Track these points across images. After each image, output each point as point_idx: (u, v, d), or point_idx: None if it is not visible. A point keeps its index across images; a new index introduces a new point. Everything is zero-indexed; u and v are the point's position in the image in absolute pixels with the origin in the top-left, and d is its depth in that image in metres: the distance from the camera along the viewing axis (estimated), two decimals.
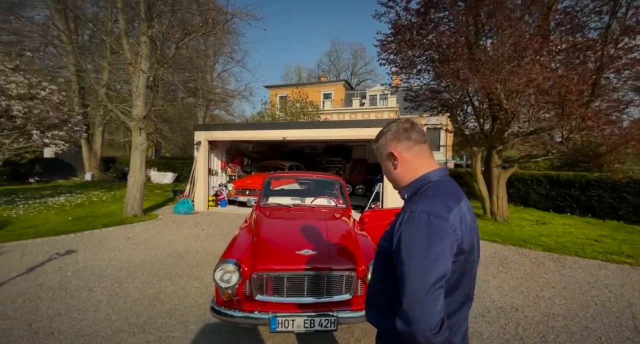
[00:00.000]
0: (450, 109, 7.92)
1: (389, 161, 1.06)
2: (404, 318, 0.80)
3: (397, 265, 0.86)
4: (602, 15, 6.37)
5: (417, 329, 0.77)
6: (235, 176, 10.68)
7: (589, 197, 8.94)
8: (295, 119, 16.14)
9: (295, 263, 2.26)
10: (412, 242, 0.84)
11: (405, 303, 0.80)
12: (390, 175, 1.09)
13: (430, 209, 0.86)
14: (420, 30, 7.50)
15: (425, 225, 0.84)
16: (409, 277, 0.81)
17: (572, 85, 5.60)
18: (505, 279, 4.11)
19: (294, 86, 30.43)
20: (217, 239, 5.70)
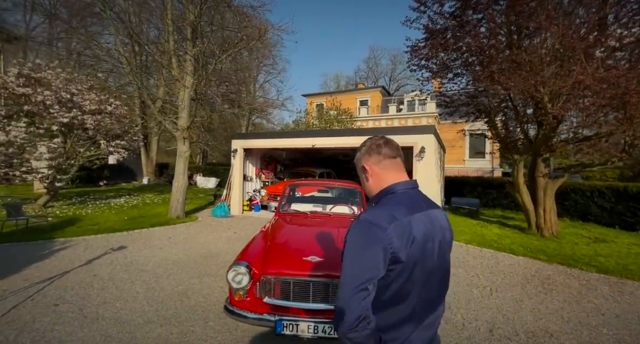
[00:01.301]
0: (488, 114, 7.42)
1: (363, 173, 1.15)
2: (337, 313, 0.89)
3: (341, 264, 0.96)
4: None
5: (337, 323, 0.88)
6: (269, 181, 11.14)
7: None
8: (328, 126, 16.36)
9: (300, 269, 2.34)
10: (349, 246, 0.93)
11: (338, 300, 0.89)
12: (364, 186, 1.17)
13: (372, 217, 0.94)
14: (455, 33, 7.21)
15: (362, 232, 0.93)
16: (342, 277, 0.90)
17: (633, 85, 4.93)
18: (544, 301, 3.71)
19: (330, 93, 30.86)
20: (245, 242, 5.98)
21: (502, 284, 4.21)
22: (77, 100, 8.73)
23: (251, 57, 22.25)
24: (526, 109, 6.90)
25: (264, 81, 27.42)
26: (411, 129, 7.40)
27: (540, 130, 6.42)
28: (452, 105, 8.06)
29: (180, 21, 8.23)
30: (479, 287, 4.07)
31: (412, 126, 13.35)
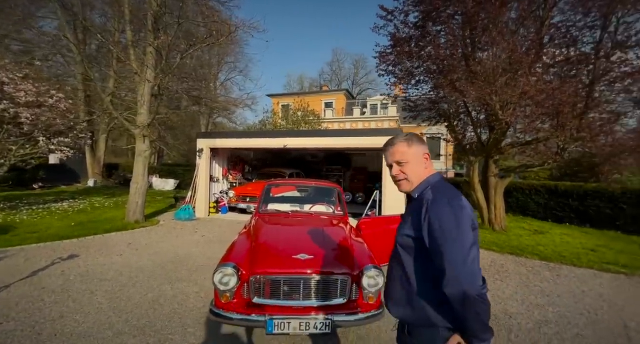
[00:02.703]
0: (448, 119, 8.07)
1: (424, 162, 1.22)
2: (454, 281, 0.95)
3: (433, 239, 1.02)
4: (594, 30, 6.57)
5: (470, 287, 0.94)
6: (236, 182, 10.80)
7: (586, 208, 8.99)
8: (296, 127, 16.36)
9: (291, 267, 2.35)
10: (445, 216, 1.02)
11: (452, 269, 0.95)
12: (419, 176, 1.21)
13: (450, 195, 1.08)
14: (418, 42, 7.73)
15: (452, 207, 1.03)
16: (453, 249, 0.97)
17: (565, 97, 5.75)
18: (501, 287, 4.16)
19: (296, 94, 30.83)
20: (216, 245, 5.78)
21: None
22: (9, 90, 7.62)
23: (211, 53, 21.34)
24: (479, 115, 7.63)
25: (226, 79, 26.47)
26: (383, 131, 7.76)
27: (491, 134, 7.18)
28: (415, 109, 8.61)
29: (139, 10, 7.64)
30: None
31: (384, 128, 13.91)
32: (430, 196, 1.10)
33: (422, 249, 1.08)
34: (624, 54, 6.46)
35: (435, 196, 1.08)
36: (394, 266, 1.23)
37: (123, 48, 8.51)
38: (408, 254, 1.14)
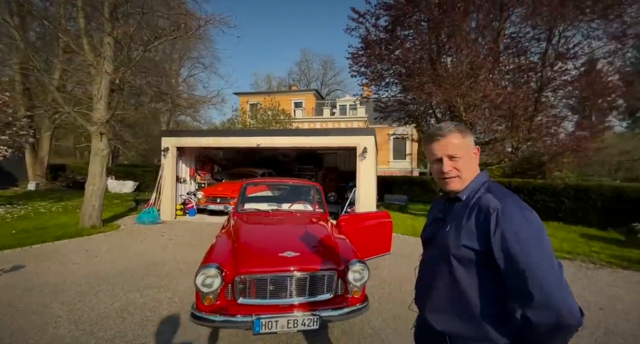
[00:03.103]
0: (416, 120, 8.49)
1: (476, 157, 1.08)
2: (546, 308, 0.80)
3: (512, 258, 0.86)
4: (541, 42, 7.34)
5: (570, 316, 0.80)
6: (205, 183, 10.34)
7: (535, 202, 9.94)
8: (267, 126, 16.10)
9: (279, 265, 2.31)
10: (525, 231, 0.87)
11: (543, 294, 0.81)
12: (472, 173, 1.06)
13: (519, 205, 0.92)
14: (388, 45, 8.04)
15: (528, 219, 0.89)
16: (536, 266, 0.83)
17: (518, 101, 6.34)
18: None
19: (266, 93, 30.33)
20: (187, 248, 5.49)
21: None
22: None
23: (173, 48, 20.18)
24: (444, 117, 8.13)
25: (189, 75, 25.15)
26: (355, 131, 7.92)
27: None
28: (386, 110, 8.92)
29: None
30: None
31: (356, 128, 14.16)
32: (495, 202, 0.93)
33: (485, 264, 0.93)
34: (564, 64, 7.30)
35: (503, 203, 0.91)
36: (441, 275, 1.04)
37: (74, 37, 7.73)
38: (464, 266, 0.97)
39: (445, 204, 1.14)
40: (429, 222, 1.25)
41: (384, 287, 3.91)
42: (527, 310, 0.83)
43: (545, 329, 0.82)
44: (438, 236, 1.08)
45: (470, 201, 1.01)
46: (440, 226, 1.09)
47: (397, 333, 2.83)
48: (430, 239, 1.16)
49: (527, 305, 0.83)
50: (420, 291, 1.17)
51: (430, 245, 1.17)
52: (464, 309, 0.98)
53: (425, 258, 1.19)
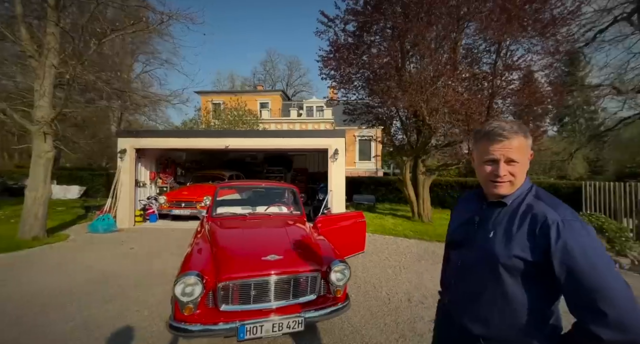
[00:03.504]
0: (384, 123, 8.85)
1: (528, 162, 1.01)
2: (620, 328, 0.78)
3: (580, 275, 0.83)
4: (491, 54, 8.09)
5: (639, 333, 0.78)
6: (168, 187, 9.74)
7: None
8: (233, 127, 15.60)
9: (263, 269, 2.28)
10: (590, 246, 0.85)
11: (617, 312, 0.78)
12: (522, 177, 1.00)
13: (577, 216, 0.90)
14: (355, 50, 8.29)
15: (590, 233, 0.87)
16: (606, 283, 0.81)
17: (474, 107, 6.93)
18: (435, 270, 4.73)
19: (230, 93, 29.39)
20: (151, 257, 5.13)
21: (406, 262, 5.15)
22: None
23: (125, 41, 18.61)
24: (409, 121, 8.59)
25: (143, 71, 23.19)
26: (326, 133, 8.04)
27: (419, 137, 8.15)
28: (354, 113, 9.17)
29: None
30: (391, 267, 4.84)
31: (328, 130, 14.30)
32: (552, 212, 0.91)
33: (536, 276, 0.91)
34: (510, 75, 8.12)
35: (562, 214, 0.90)
36: (486, 284, 0.99)
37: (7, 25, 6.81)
38: (513, 277, 0.94)
39: (481, 207, 1.08)
40: (461, 222, 1.16)
41: (360, 285, 4.03)
42: (597, 328, 0.80)
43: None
44: (477, 240, 1.03)
45: (519, 208, 0.97)
46: (478, 230, 1.04)
47: (376, 329, 2.94)
48: (462, 241, 1.11)
49: (597, 323, 0.80)
50: (459, 296, 1.11)
51: (460, 247, 1.12)
52: (510, 317, 0.95)
53: (459, 261, 1.11)
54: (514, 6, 6.70)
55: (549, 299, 0.95)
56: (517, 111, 8.61)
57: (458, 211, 1.24)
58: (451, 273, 1.17)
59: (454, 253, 1.17)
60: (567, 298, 0.88)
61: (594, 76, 18.93)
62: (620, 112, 18.14)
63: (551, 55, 7.80)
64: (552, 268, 0.87)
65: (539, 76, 8.57)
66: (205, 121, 17.28)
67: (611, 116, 19.72)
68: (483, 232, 1.02)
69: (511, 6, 6.66)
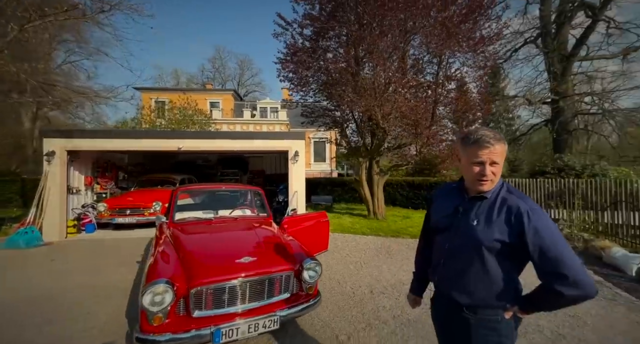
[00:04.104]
0: (341, 126, 9.20)
1: (500, 162, 1.21)
2: (577, 285, 1.05)
3: (548, 249, 1.08)
4: (434, 65, 8.99)
5: (591, 290, 1.07)
6: (107, 193, 8.75)
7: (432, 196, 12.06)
8: (183, 127, 14.59)
9: (238, 271, 2.27)
10: (553, 228, 1.11)
11: (574, 274, 1.05)
12: (499, 176, 1.22)
13: (538, 205, 1.19)
14: (312, 54, 8.50)
15: (548, 218, 1.15)
16: (567, 252, 1.08)
17: (421, 113, 7.63)
18: (392, 263, 5.14)
19: (176, 90, 27.48)
20: (92, 271, 4.60)
21: (366, 257, 5.46)
22: None
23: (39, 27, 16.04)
24: (363, 123, 9.07)
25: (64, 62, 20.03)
26: (287, 135, 8.04)
27: (373, 139, 8.67)
28: (312, 115, 9.36)
29: None
30: (352, 263, 5.09)
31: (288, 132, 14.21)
32: (524, 204, 1.16)
33: (511, 253, 1.16)
34: (449, 84, 9.13)
35: (529, 204, 1.16)
36: (472, 263, 1.22)
37: None
38: (493, 256, 1.18)
39: (464, 199, 1.30)
40: (446, 213, 1.35)
41: (325, 282, 4.17)
42: (559, 286, 1.08)
43: (571, 300, 1.10)
44: (461, 228, 1.26)
45: (496, 201, 1.21)
46: (462, 219, 1.27)
47: (344, 321, 3.10)
48: (447, 227, 1.33)
49: (560, 283, 1.08)
50: (448, 274, 1.33)
51: (445, 234, 1.34)
52: (489, 287, 1.21)
53: (446, 245, 1.33)
54: (452, 24, 7.57)
55: (516, 271, 1.24)
56: (455, 117, 9.69)
57: (439, 203, 1.45)
58: (440, 255, 1.38)
59: (440, 238, 1.38)
60: (536, 266, 1.14)
61: (511, 88, 22.12)
62: (531, 120, 21.58)
63: (481, 69, 8.97)
64: (524, 246, 1.12)
65: (472, 87, 9.76)
66: (149, 120, 15.84)
67: (524, 123, 23.31)
68: (467, 221, 1.25)
69: (450, 24, 7.51)
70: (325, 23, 7.74)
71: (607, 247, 5.23)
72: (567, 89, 16.69)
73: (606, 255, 5.07)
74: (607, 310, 3.38)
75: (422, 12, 7.44)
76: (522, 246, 1.13)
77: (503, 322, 1.21)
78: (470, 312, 1.24)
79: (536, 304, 1.21)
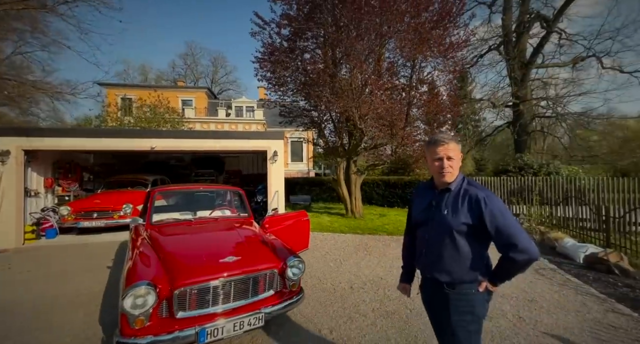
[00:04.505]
0: (319, 126, 9.30)
1: (460, 160, 1.51)
2: (525, 251, 1.32)
3: (500, 225, 1.35)
4: (407, 68, 9.37)
5: (534, 253, 1.33)
6: (71, 196, 8.19)
7: (406, 194, 12.54)
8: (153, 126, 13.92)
9: (223, 271, 2.28)
10: (503, 209, 1.39)
11: (522, 243, 1.32)
12: (457, 169, 1.51)
13: (492, 193, 1.46)
14: (290, 54, 8.52)
15: (500, 201, 1.43)
16: (515, 228, 1.36)
17: (396, 114, 7.92)
18: (370, 259, 5.32)
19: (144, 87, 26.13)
20: (57, 279, 4.32)
21: (344, 254, 5.60)
22: None
23: None
24: (341, 124, 9.24)
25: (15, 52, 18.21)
26: (265, 135, 7.98)
27: (351, 140, 8.86)
28: (290, 115, 9.37)
29: None
30: (332, 260, 5.20)
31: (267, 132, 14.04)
32: (480, 192, 1.42)
33: (475, 233, 1.42)
34: (422, 87, 9.55)
35: (485, 193, 1.42)
36: (445, 246, 1.47)
37: None
38: (462, 237, 1.44)
39: (435, 195, 1.56)
40: (423, 208, 1.61)
41: (306, 280, 4.24)
42: (512, 254, 1.35)
43: (523, 263, 1.37)
44: (435, 218, 1.51)
45: (459, 192, 1.48)
46: (435, 211, 1.52)
47: (326, 316, 3.19)
48: (425, 220, 1.57)
49: (512, 251, 1.35)
50: (429, 259, 1.56)
51: (425, 225, 1.58)
52: (462, 264, 1.45)
53: (426, 235, 1.57)
54: (424, 30, 7.94)
55: (483, 247, 1.49)
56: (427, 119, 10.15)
57: (417, 200, 1.70)
58: (421, 245, 1.63)
59: (420, 231, 1.63)
60: (494, 241, 1.42)
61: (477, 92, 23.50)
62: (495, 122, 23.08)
63: (450, 73, 9.48)
64: (484, 226, 1.39)
65: (442, 90, 10.28)
66: (115, 118, 14.95)
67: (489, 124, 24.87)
68: (439, 212, 1.51)
69: (422, 30, 7.87)
70: (303, 24, 7.80)
71: (560, 238, 5.79)
72: (526, 93, 18.06)
73: (559, 245, 5.61)
74: (559, 294, 3.77)
75: (397, 18, 7.73)
76: (482, 227, 1.39)
77: (477, 295, 1.45)
78: (449, 288, 1.47)
79: (499, 275, 1.46)
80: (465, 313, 1.43)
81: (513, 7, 18.96)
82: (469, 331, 1.43)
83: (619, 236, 5.32)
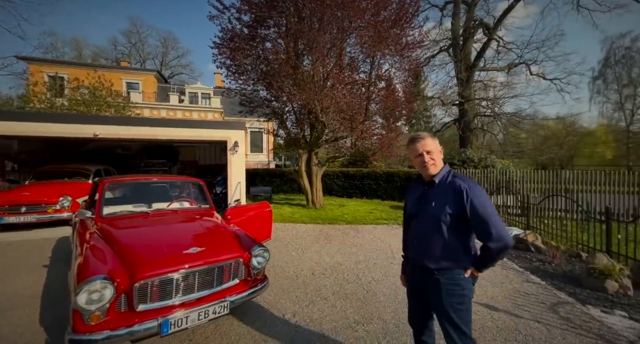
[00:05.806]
0: (280, 117, 9.23)
1: (440, 153, 1.65)
2: (499, 239, 1.45)
3: (479, 215, 1.46)
4: (367, 64, 9.71)
5: (509, 241, 1.47)
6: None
7: (364, 185, 13.15)
8: (97, 110, 12.41)
9: (187, 261, 2.25)
10: (484, 200, 1.50)
11: (498, 232, 1.45)
12: (440, 163, 1.65)
13: (475, 183, 1.58)
14: (251, 41, 8.26)
15: (481, 191, 1.54)
16: (492, 215, 1.47)
17: (356, 108, 8.22)
18: (330, 247, 5.58)
19: (79, 65, 23.17)
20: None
21: (306, 243, 5.77)
22: None
23: None
24: (303, 116, 9.30)
25: None
26: (225, 124, 7.70)
27: (313, 132, 8.97)
28: (251, 105, 9.14)
29: None
30: (294, 249, 5.34)
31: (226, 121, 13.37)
32: (463, 183, 1.54)
33: (460, 222, 1.53)
34: (380, 83, 9.99)
35: (468, 184, 1.54)
36: (434, 235, 1.58)
37: None
38: (448, 227, 1.55)
39: (424, 188, 1.69)
40: (414, 201, 1.74)
41: (269, 268, 4.31)
42: (489, 242, 1.49)
43: (499, 251, 1.50)
44: (425, 210, 1.63)
45: (444, 184, 1.61)
46: (424, 204, 1.64)
47: (289, 301, 3.33)
48: (416, 214, 1.70)
49: (488, 239, 1.49)
50: (420, 248, 1.68)
51: (416, 218, 1.70)
52: (449, 251, 1.57)
53: (417, 227, 1.70)
54: (383, 28, 8.28)
55: (468, 236, 1.60)
56: (384, 114, 10.68)
57: (410, 194, 1.83)
58: (413, 236, 1.76)
59: (413, 222, 1.75)
60: (475, 229, 1.55)
61: (429, 90, 25.24)
62: (444, 119, 25.06)
63: (406, 71, 10.05)
64: (466, 215, 1.51)
65: (398, 87, 10.86)
66: (44, 99, 13.02)
67: (439, 121, 26.92)
68: (427, 204, 1.64)
69: (381, 28, 8.20)
70: (265, 11, 7.60)
71: None
72: (470, 94, 19.88)
73: None
74: (489, 270, 4.38)
75: (358, 14, 7.93)
76: (465, 216, 1.52)
77: (464, 279, 1.59)
78: (439, 274, 1.60)
79: (481, 262, 1.61)
80: (456, 295, 1.57)
81: (461, 13, 20.54)
82: (462, 310, 1.57)
83: (536, 220, 6.29)
